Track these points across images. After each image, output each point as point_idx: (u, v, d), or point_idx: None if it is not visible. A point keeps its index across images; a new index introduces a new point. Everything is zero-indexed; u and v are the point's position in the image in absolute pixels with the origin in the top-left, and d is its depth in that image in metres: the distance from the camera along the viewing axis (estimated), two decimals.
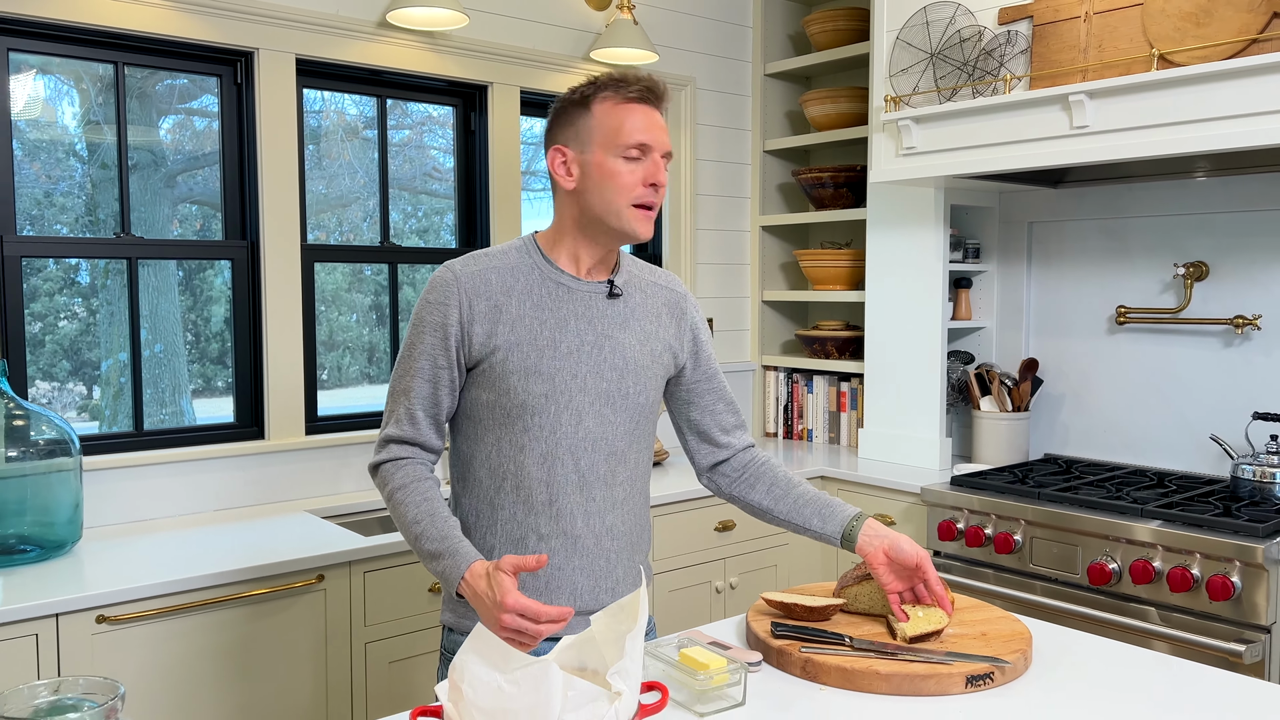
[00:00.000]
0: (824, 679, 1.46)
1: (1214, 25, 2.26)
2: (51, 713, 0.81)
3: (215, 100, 2.73)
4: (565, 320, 1.56)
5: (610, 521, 1.60)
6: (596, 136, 1.53)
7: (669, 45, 3.57)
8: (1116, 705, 1.39)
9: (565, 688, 1.04)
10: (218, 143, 2.75)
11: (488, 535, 1.59)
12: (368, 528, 2.78)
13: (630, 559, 1.64)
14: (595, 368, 1.56)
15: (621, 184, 1.52)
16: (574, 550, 1.57)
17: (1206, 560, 2.33)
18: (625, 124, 1.51)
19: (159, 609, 2.04)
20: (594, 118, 1.53)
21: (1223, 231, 2.87)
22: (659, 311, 1.67)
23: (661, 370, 1.66)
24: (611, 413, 1.58)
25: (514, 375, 1.53)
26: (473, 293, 1.53)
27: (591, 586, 1.59)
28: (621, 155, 1.52)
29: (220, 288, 2.75)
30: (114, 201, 2.58)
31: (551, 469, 1.55)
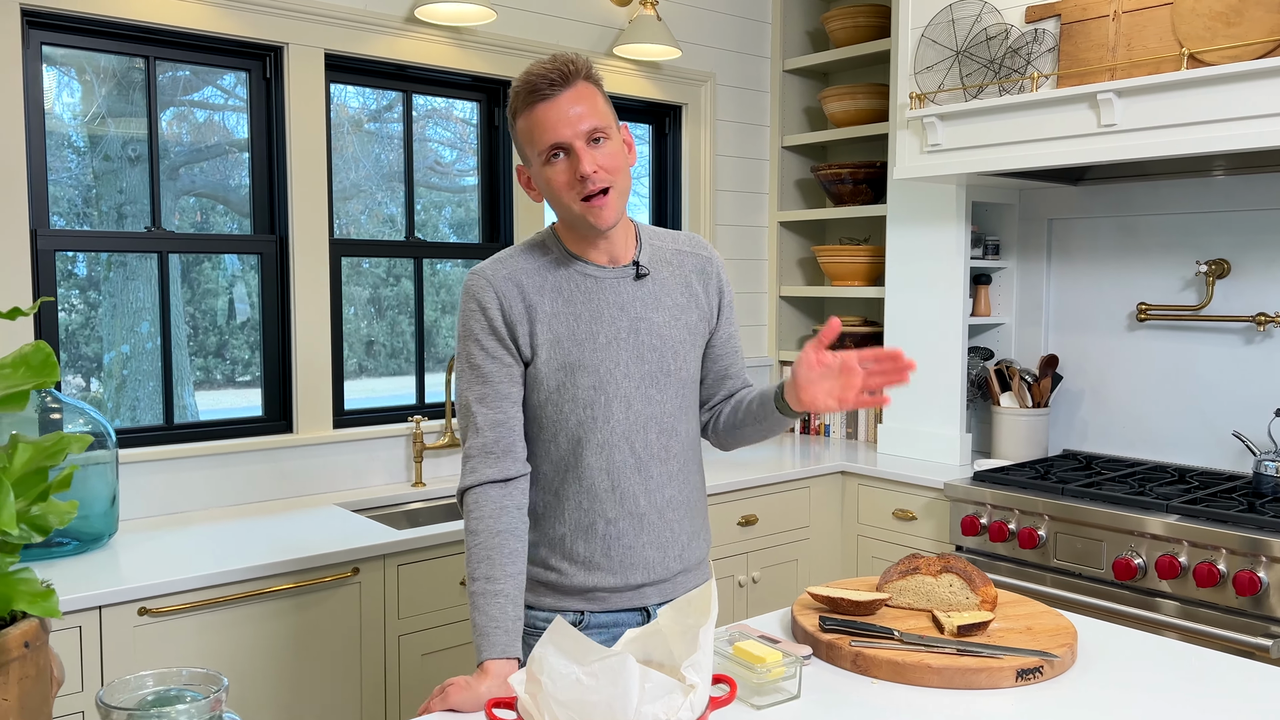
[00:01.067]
0: (875, 672, 1.48)
1: (1245, 25, 2.27)
2: (158, 703, 0.83)
3: (217, 93, 2.72)
4: (599, 311, 1.58)
5: (669, 493, 1.64)
6: (528, 152, 1.54)
7: (690, 41, 3.58)
8: (1165, 699, 1.41)
9: (642, 680, 1.05)
10: (227, 135, 2.75)
11: (556, 524, 1.62)
12: (395, 521, 2.80)
13: (692, 524, 1.69)
14: (636, 352, 1.59)
15: (559, 189, 1.51)
16: (641, 527, 1.62)
17: (1232, 556, 2.35)
18: (534, 133, 1.50)
19: (199, 601, 2.05)
20: (520, 135, 1.54)
21: (1244, 229, 2.89)
22: (688, 280, 1.67)
23: (699, 340, 1.68)
24: (657, 392, 1.61)
25: (561, 372, 1.56)
26: (508, 295, 1.55)
27: (661, 557, 1.64)
28: (547, 163, 1.51)
29: (220, 281, 2.75)
30: (117, 194, 2.58)
31: (610, 456, 1.59)
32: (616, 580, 1.62)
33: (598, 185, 1.49)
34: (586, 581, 1.62)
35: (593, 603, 1.63)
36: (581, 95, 1.50)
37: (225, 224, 2.76)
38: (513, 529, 1.52)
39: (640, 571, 1.63)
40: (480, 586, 1.46)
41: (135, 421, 2.64)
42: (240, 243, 2.72)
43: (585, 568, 1.61)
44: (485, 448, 1.55)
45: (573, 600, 1.63)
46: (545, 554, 1.63)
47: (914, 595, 1.68)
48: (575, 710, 1.05)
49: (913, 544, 3.09)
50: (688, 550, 1.69)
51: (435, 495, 2.89)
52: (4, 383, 0.84)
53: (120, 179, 2.59)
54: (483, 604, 1.45)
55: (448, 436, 2.98)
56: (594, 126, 1.50)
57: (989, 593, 1.66)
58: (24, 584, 0.73)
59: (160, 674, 0.85)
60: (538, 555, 1.64)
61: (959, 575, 1.66)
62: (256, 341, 2.79)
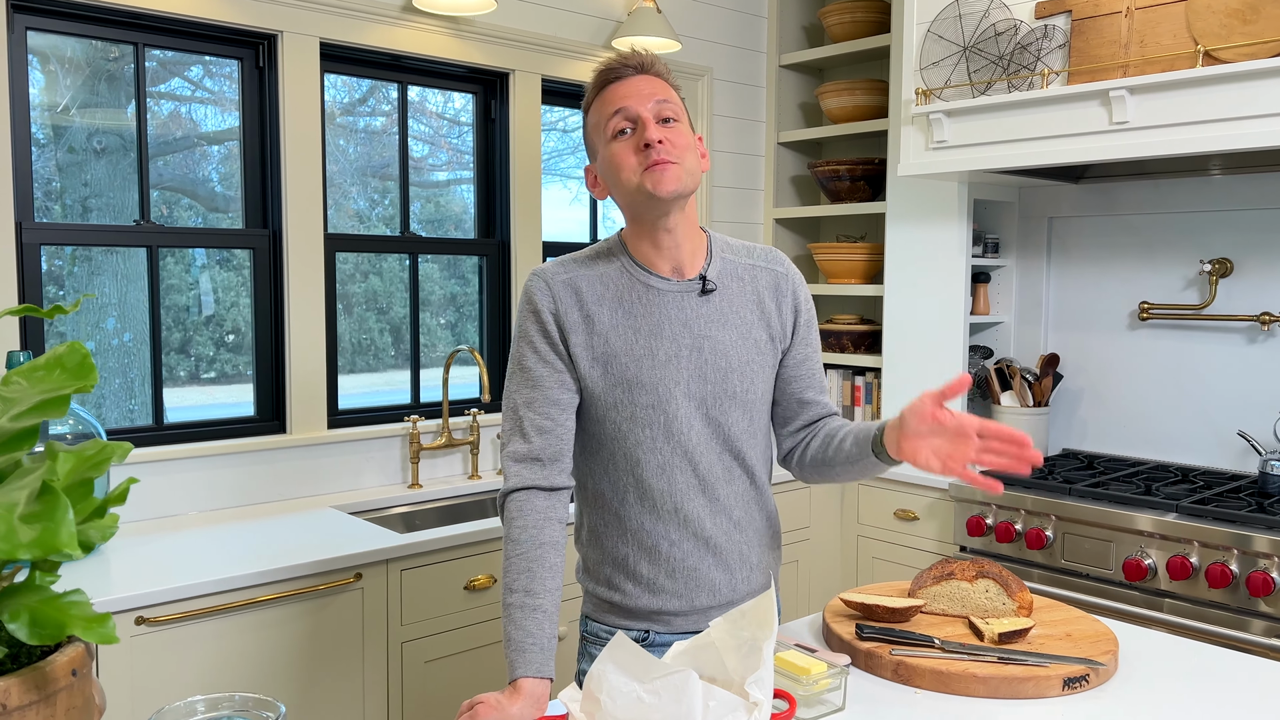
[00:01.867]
0: (917, 682, 1.44)
1: (1261, 23, 2.26)
2: None
3: (184, 84, 2.62)
4: (659, 326, 1.50)
5: (736, 516, 1.57)
6: (597, 138, 1.51)
7: (688, 35, 3.53)
8: (1215, 705, 1.38)
9: (706, 697, 1.00)
10: (194, 127, 2.67)
11: (619, 544, 1.55)
12: (392, 523, 2.73)
13: (760, 548, 1.61)
14: (698, 371, 1.51)
15: (624, 164, 1.46)
16: (706, 550, 1.55)
17: (1244, 556, 2.34)
18: (603, 109, 1.48)
19: (198, 610, 1.97)
20: (589, 122, 1.53)
21: (1248, 228, 2.88)
22: (760, 297, 1.57)
23: (770, 359, 1.58)
24: (720, 413, 1.53)
25: (617, 389, 1.49)
26: (566, 301, 1.50)
27: (728, 580, 1.57)
28: (613, 140, 1.47)
29: (184, 277, 2.65)
30: (82, 187, 2.48)
31: (671, 478, 1.52)
32: (681, 604, 1.55)
33: (661, 155, 1.43)
34: (651, 604, 1.55)
35: (657, 623, 1.57)
36: (654, 81, 1.48)
37: (190, 218, 2.66)
38: (555, 542, 1.45)
39: (706, 594, 1.56)
40: (519, 599, 1.40)
41: (102, 420, 2.54)
42: (232, 237, 2.64)
43: (650, 590, 1.55)
44: (531, 454, 1.48)
45: (638, 622, 1.57)
46: (610, 573, 1.57)
47: (949, 601, 1.64)
48: None
49: (915, 545, 3.07)
50: (756, 573, 1.61)
51: (432, 497, 2.82)
52: (40, 386, 0.78)
53: (86, 171, 2.49)
54: (520, 618, 1.38)
55: (444, 437, 2.91)
56: (665, 103, 1.47)
57: (1025, 598, 1.62)
58: (77, 608, 0.66)
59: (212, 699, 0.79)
60: (602, 574, 1.58)
61: (995, 580, 1.62)
62: (223, 338, 2.69)
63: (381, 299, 3.00)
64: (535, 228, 3.16)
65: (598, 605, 1.60)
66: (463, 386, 3.18)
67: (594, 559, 1.59)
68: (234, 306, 2.70)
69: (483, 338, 3.19)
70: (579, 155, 3.44)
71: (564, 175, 3.41)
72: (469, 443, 2.95)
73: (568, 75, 3.19)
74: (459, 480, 2.93)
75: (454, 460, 2.99)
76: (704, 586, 1.56)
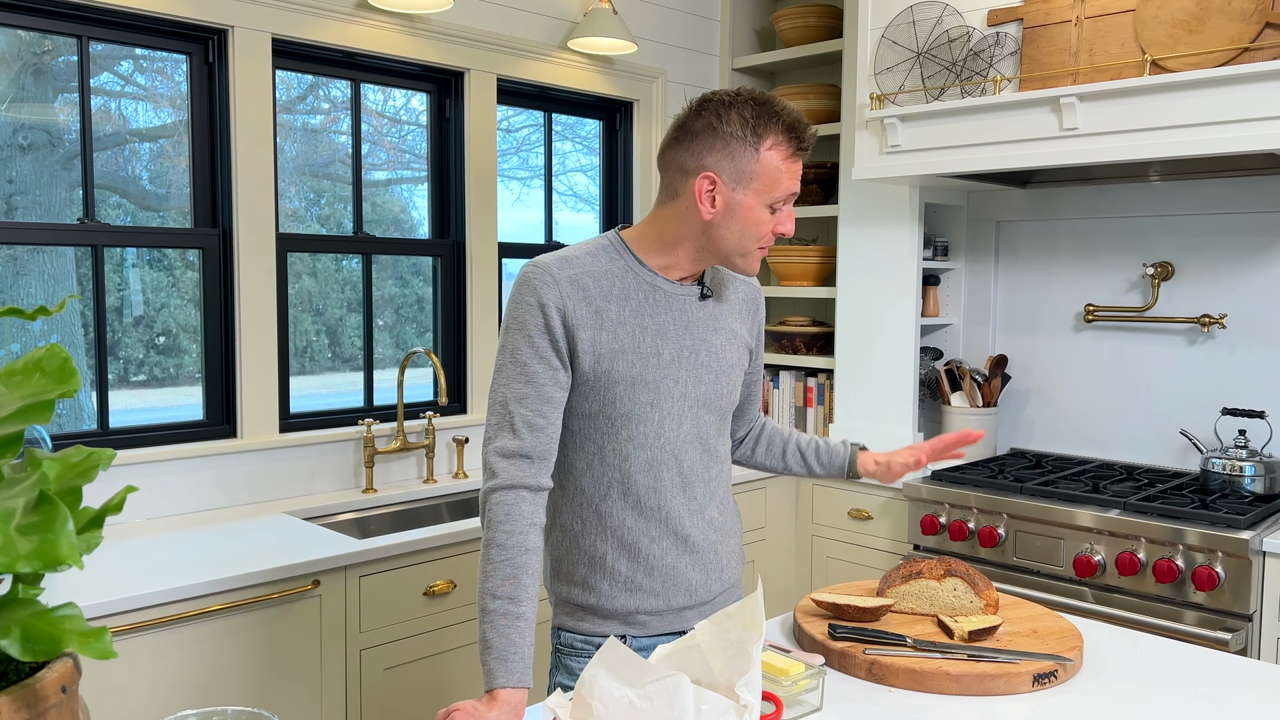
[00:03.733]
0: (891, 681, 1.45)
1: (1206, 33, 2.32)
2: None
3: (114, 79, 2.55)
4: (665, 327, 1.53)
5: (710, 514, 1.61)
6: (756, 183, 1.46)
7: (643, 36, 3.53)
8: (1181, 698, 1.41)
9: (698, 701, 1.00)
10: (124, 124, 2.60)
11: (598, 542, 1.54)
12: (347, 529, 2.68)
13: (730, 545, 1.67)
14: (694, 372, 1.55)
15: (760, 232, 1.50)
16: (685, 549, 1.57)
17: (1190, 551, 2.41)
18: (784, 179, 1.48)
19: (151, 620, 1.91)
20: (760, 164, 1.46)
21: (1188, 233, 2.97)
22: (740, 307, 1.67)
23: (744, 365, 1.67)
24: (706, 413, 1.58)
25: (620, 385, 1.49)
26: (574, 296, 1.48)
27: (704, 579, 1.60)
28: (769, 205, 1.48)
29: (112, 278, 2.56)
30: (7, 184, 2.39)
31: (657, 474, 1.53)
32: (658, 603, 1.56)
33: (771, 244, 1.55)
34: (628, 604, 1.55)
35: (632, 626, 1.56)
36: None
37: (119, 216, 2.58)
38: (537, 548, 1.44)
39: (682, 594, 1.58)
40: (503, 606, 1.37)
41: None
42: (180, 236, 2.57)
43: (627, 588, 1.55)
44: (521, 450, 1.45)
45: (612, 624, 1.56)
46: (585, 573, 1.56)
47: (917, 600, 1.66)
48: None
49: (870, 544, 3.10)
50: (728, 571, 1.66)
51: (387, 502, 2.77)
52: (19, 391, 0.74)
53: (10, 168, 2.40)
54: (503, 626, 1.36)
55: (399, 441, 2.87)
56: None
57: (991, 596, 1.65)
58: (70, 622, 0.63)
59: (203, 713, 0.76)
60: (576, 574, 1.57)
61: (962, 579, 1.65)
62: (152, 340, 2.62)
63: (317, 300, 2.94)
64: (491, 228, 3.13)
65: (572, 611, 1.58)
66: (415, 389, 3.14)
67: (568, 560, 1.57)
68: (164, 308, 2.62)
69: (438, 339, 3.15)
70: (523, 155, 3.40)
71: (508, 176, 3.37)
72: (424, 446, 2.91)
73: (524, 75, 3.17)
74: (414, 484, 2.89)
75: (409, 464, 2.95)
76: (681, 586, 1.57)
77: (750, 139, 1.44)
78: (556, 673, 1.60)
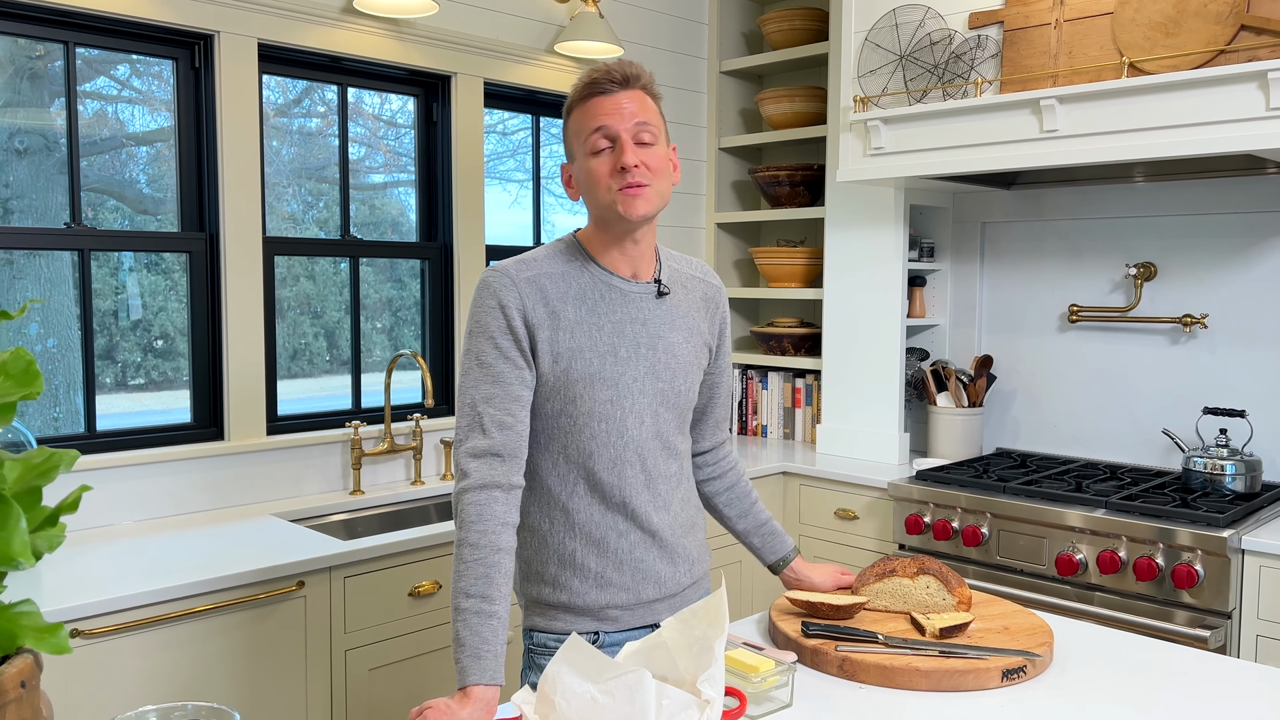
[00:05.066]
0: (862, 677, 1.47)
1: (1183, 36, 2.34)
2: None
3: (110, 83, 2.57)
4: (621, 325, 1.55)
5: (674, 509, 1.63)
6: (575, 144, 1.55)
7: (630, 40, 3.55)
8: (1147, 693, 1.43)
9: (659, 696, 1.01)
10: (120, 128, 2.61)
11: (566, 539, 1.56)
12: (334, 531, 2.70)
13: (694, 537, 1.69)
14: (651, 369, 1.57)
15: (599, 178, 1.51)
16: (652, 543, 1.60)
17: (1170, 550, 2.43)
18: (585, 122, 1.52)
19: (136, 621, 1.93)
20: (570, 128, 1.56)
21: (1171, 234, 2.99)
22: (698, 305, 1.68)
23: (703, 364, 1.69)
24: (665, 409, 1.60)
25: (579, 384, 1.52)
26: (532, 297, 1.51)
27: (673, 572, 1.63)
28: (591, 152, 1.52)
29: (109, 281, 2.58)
30: (3, 188, 2.41)
31: (621, 472, 1.56)
32: (629, 596, 1.58)
33: (636, 179, 1.49)
34: (599, 599, 1.57)
35: (605, 622, 1.58)
36: (638, 98, 1.52)
37: (117, 220, 2.60)
38: (510, 548, 1.45)
39: (652, 586, 1.60)
40: (476, 605, 1.39)
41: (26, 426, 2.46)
42: (167, 240, 2.58)
43: (598, 584, 1.57)
44: (492, 449, 1.47)
45: (584, 621, 1.58)
46: (555, 571, 1.58)
47: (890, 598, 1.68)
48: None
49: (856, 544, 3.12)
50: (696, 564, 1.68)
51: (375, 504, 2.79)
52: None
53: (6, 172, 2.42)
54: (476, 624, 1.38)
55: (386, 443, 2.88)
56: (644, 125, 1.51)
57: (964, 593, 1.66)
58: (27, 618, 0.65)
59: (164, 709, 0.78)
60: (546, 573, 1.58)
61: (935, 577, 1.66)
62: (150, 343, 2.64)
63: (315, 303, 2.96)
64: (478, 231, 3.15)
65: (545, 610, 1.60)
66: (403, 392, 3.16)
67: (538, 559, 1.59)
68: (162, 311, 2.64)
69: (425, 342, 3.17)
70: (518, 158, 3.43)
71: (504, 178, 3.40)
72: (412, 448, 2.93)
73: (510, 79, 3.19)
74: (402, 486, 2.90)
75: (396, 466, 2.96)
76: (650, 578, 1.60)
77: (565, 117, 1.57)
78: (529, 673, 1.62)
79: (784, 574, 1.81)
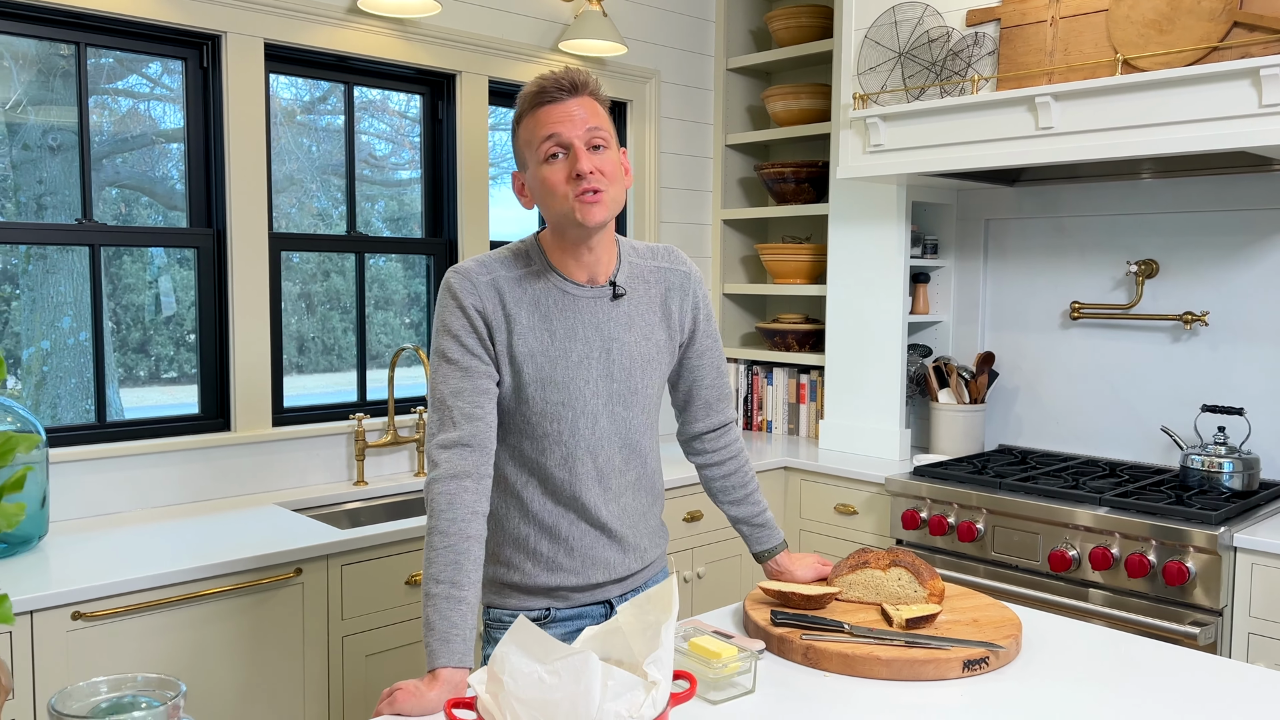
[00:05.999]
0: (825, 665, 1.50)
1: (1176, 33, 2.34)
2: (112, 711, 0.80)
3: (142, 81, 2.64)
4: (574, 329, 1.59)
5: (626, 501, 1.68)
6: (527, 152, 1.58)
7: (635, 38, 3.58)
8: (1107, 687, 1.45)
9: (605, 677, 1.05)
10: (152, 125, 2.68)
11: (520, 525, 1.62)
12: (337, 520, 2.76)
13: (648, 528, 1.73)
14: (605, 370, 1.61)
15: (554, 186, 1.53)
16: (601, 533, 1.65)
17: (1162, 547, 2.43)
18: (537, 130, 1.54)
19: (136, 604, 2.00)
20: (521, 136, 1.58)
21: (1172, 231, 2.98)
22: (663, 298, 1.69)
23: (667, 359, 1.71)
24: (624, 409, 1.64)
25: (530, 386, 1.57)
26: (490, 300, 1.56)
27: (622, 558, 1.68)
28: (545, 161, 1.54)
29: (143, 275, 2.66)
30: (37, 184, 2.49)
31: (573, 469, 1.61)
32: (578, 580, 1.64)
33: (592, 185, 1.52)
34: (550, 581, 1.63)
35: (556, 600, 1.65)
36: (588, 104, 1.55)
37: (150, 216, 2.68)
38: (480, 535, 1.50)
39: (601, 571, 1.66)
40: (445, 590, 1.44)
41: (56, 419, 2.55)
42: (176, 236, 2.65)
43: (549, 568, 1.63)
44: (461, 440, 1.52)
45: (537, 599, 1.64)
46: (510, 553, 1.64)
47: (863, 589, 1.70)
48: (537, 709, 1.05)
49: (855, 538, 3.14)
50: (647, 551, 1.73)
51: (377, 494, 2.85)
52: None
53: (40, 169, 2.50)
54: (445, 609, 1.43)
55: (390, 434, 2.94)
56: (596, 131, 1.54)
57: (936, 586, 1.69)
58: None
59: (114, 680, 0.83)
60: (502, 554, 1.65)
61: (907, 569, 1.69)
62: (183, 337, 2.72)
63: (345, 298, 3.04)
64: (483, 227, 3.20)
65: (499, 589, 1.66)
66: (408, 386, 3.22)
67: (494, 541, 1.66)
68: (194, 306, 2.72)
69: (429, 336, 3.22)
70: None
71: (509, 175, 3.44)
72: (415, 440, 2.99)
73: (515, 77, 3.23)
74: (405, 477, 2.96)
75: (400, 458, 3.02)
76: (599, 564, 1.65)
77: (514, 126, 1.59)
78: (486, 646, 1.68)
79: (767, 565, 1.84)
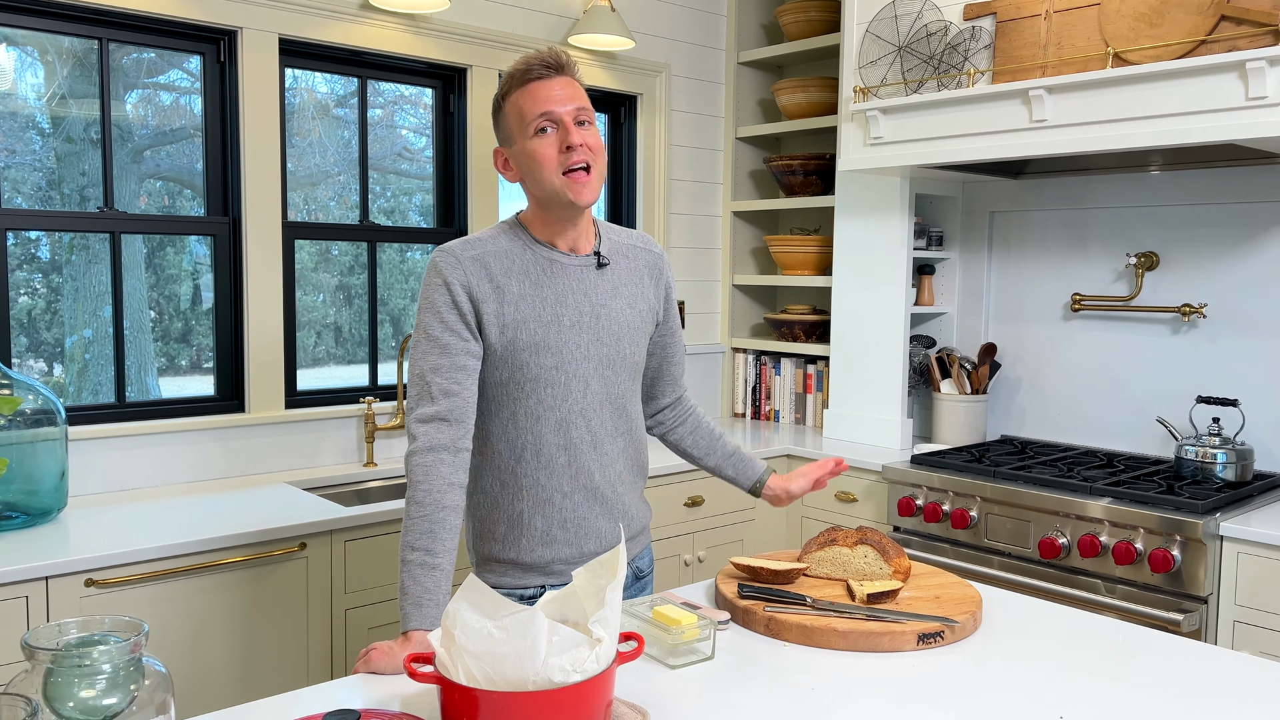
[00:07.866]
0: (786, 636, 1.56)
1: (1166, 26, 2.37)
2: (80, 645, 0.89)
3: (183, 75, 2.76)
4: (563, 295, 1.66)
5: (619, 468, 1.75)
6: (514, 128, 1.65)
7: (645, 32, 3.64)
8: (1056, 661, 1.50)
9: (550, 633, 1.12)
10: (193, 119, 2.79)
11: (515, 501, 1.69)
12: (346, 499, 2.85)
13: (635, 495, 1.81)
14: (595, 335, 1.68)
15: (544, 160, 1.61)
16: (594, 500, 1.71)
17: (1150, 535, 2.46)
18: (526, 106, 1.62)
19: (146, 573, 2.10)
20: (507, 114, 1.65)
21: (1172, 223, 3.00)
22: (641, 274, 1.78)
23: (648, 328, 1.79)
24: (613, 373, 1.71)
25: (524, 352, 1.63)
26: (477, 274, 1.62)
27: (611, 527, 1.75)
28: (534, 134, 1.61)
29: (183, 266, 2.78)
30: (80, 176, 2.61)
31: (567, 434, 1.67)
32: (571, 551, 1.70)
33: (583, 159, 1.60)
34: (544, 555, 1.69)
35: (551, 576, 1.71)
36: (571, 84, 1.64)
37: (192, 208, 2.79)
38: (456, 506, 1.57)
39: (593, 541, 1.72)
40: (420, 558, 1.51)
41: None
42: (193, 224, 2.76)
43: (543, 541, 1.69)
44: (439, 414, 1.58)
45: (532, 575, 1.70)
46: (505, 530, 1.70)
47: (830, 565, 1.76)
48: (487, 661, 1.12)
49: (854, 525, 3.19)
50: (634, 520, 1.80)
51: (386, 475, 2.94)
52: None
53: (83, 161, 2.61)
54: (420, 575, 1.50)
55: (399, 418, 3.03)
56: (582, 108, 1.63)
57: (902, 564, 1.74)
58: None
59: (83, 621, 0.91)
60: (497, 533, 1.70)
61: (874, 547, 1.74)
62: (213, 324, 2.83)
63: (382, 290, 3.15)
64: (493, 218, 3.28)
65: (494, 567, 1.72)
66: None
67: (490, 519, 1.71)
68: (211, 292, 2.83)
69: None
70: None
71: None
72: None
73: None
74: None
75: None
76: (592, 534, 1.72)
77: (498, 104, 1.67)
78: None
79: (765, 494, 1.93)
